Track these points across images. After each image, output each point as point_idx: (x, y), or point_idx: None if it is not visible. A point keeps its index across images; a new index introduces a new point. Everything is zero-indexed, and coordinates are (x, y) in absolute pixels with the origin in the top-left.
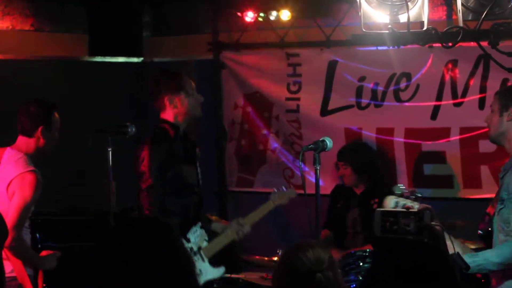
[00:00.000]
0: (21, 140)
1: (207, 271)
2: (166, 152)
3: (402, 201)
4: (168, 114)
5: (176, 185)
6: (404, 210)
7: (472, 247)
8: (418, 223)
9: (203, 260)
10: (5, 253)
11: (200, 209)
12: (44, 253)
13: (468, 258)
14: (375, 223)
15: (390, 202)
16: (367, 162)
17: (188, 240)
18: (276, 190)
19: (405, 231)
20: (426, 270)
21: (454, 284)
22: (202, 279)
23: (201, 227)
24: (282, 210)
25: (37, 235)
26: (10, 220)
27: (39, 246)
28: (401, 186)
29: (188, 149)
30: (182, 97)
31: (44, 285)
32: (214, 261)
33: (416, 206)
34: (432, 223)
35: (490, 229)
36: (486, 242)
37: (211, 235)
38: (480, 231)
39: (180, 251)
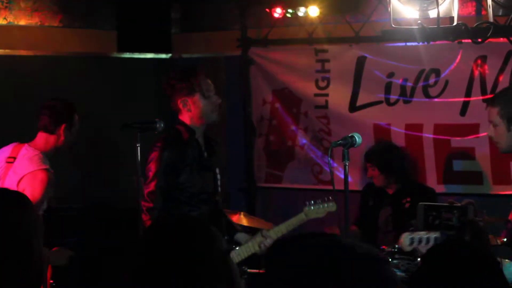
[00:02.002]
0: (41, 136)
1: None
2: (177, 156)
3: (417, 236)
4: (184, 117)
5: (187, 192)
6: (447, 204)
7: (500, 243)
8: (461, 218)
9: None
10: None
11: (217, 218)
12: (55, 249)
13: None
14: (418, 217)
15: (406, 240)
16: (394, 162)
17: None
18: (312, 202)
19: (447, 225)
20: (474, 272)
21: (502, 285)
22: None
23: None
24: None
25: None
26: None
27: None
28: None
29: (203, 154)
30: (196, 99)
31: (51, 281)
32: None
33: (433, 236)
34: (476, 218)
35: None
36: None
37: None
38: (504, 239)
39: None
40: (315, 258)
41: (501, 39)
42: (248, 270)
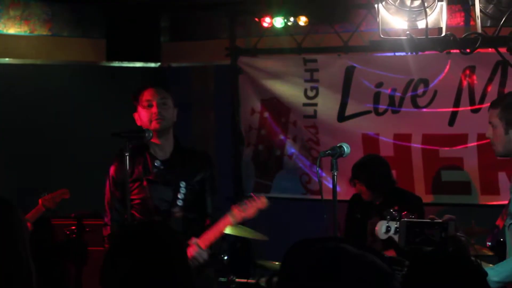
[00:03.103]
0: None
1: None
2: (122, 171)
3: (393, 225)
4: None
5: (140, 207)
6: (429, 220)
7: (490, 253)
8: (443, 233)
9: None
10: None
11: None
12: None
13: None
14: (400, 233)
15: (382, 227)
16: (381, 177)
17: None
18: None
19: (429, 241)
20: (460, 283)
21: None
22: None
23: None
24: (298, 215)
25: None
26: None
27: None
28: (392, 210)
29: (153, 168)
30: (139, 112)
31: None
32: None
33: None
34: (457, 233)
35: (502, 240)
36: (498, 253)
37: None
38: (488, 243)
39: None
40: (318, 263)
41: (490, 49)
42: (236, 279)
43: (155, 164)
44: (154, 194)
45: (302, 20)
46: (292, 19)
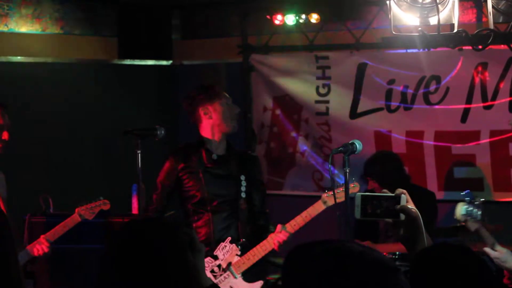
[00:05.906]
0: None
1: (239, 287)
2: (179, 165)
3: (471, 208)
4: (204, 128)
5: (187, 203)
6: (382, 194)
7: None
8: (396, 206)
9: (234, 276)
10: None
11: (230, 225)
12: None
13: None
14: (355, 206)
15: (461, 210)
16: (393, 173)
17: (216, 257)
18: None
19: (383, 213)
20: (466, 273)
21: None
22: None
23: (232, 242)
24: None
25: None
26: None
27: None
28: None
29: (209, 162)
30: (216, 106)
31: None
32: (250, 276)
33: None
34: (408, 206)
35: None
36: None
37: (246, 249)
38: None
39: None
40: (323, 265)
41: (502, 46)
42: None
43: (212, 157)
44: (209, 186)
45: (314, 17)
46: (304, 16)
